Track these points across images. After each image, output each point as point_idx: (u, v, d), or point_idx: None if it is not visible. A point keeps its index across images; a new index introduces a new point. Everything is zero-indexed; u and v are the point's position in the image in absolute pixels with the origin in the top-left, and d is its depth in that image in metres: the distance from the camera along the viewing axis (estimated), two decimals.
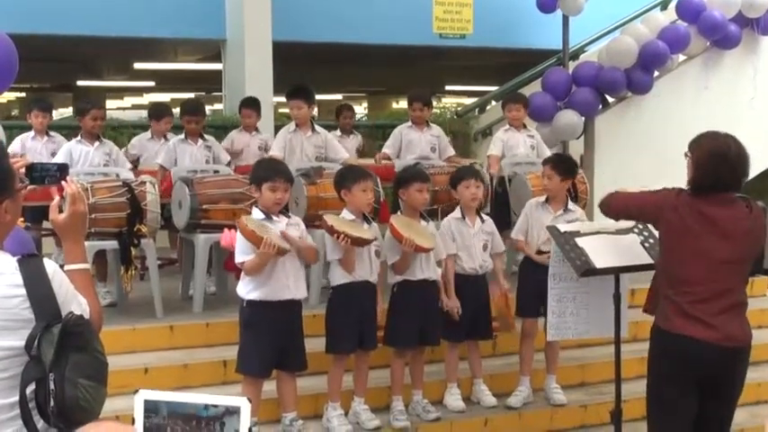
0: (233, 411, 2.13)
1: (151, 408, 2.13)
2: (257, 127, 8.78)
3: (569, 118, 9.60)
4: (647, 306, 4.78)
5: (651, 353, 4.46)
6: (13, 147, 8.07)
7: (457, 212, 6.14)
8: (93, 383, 2.39)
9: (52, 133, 8.47)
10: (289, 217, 5.49)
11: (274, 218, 5.36)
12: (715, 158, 4.21)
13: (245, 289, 5.31)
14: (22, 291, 2.38)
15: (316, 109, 8.50)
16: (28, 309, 2.38)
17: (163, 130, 8.50)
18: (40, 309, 2.38)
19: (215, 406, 2.11)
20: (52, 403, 2.34)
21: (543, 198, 6.32)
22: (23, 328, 2.37)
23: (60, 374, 2.35)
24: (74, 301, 2.50)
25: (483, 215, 6.20)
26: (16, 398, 2.37)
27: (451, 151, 8.41)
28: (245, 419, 2.07)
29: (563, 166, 6.32)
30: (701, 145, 4.30)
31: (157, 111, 8.87)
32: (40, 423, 2.40)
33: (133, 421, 2.06)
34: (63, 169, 2.91)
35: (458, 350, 6.18)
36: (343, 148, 7.86)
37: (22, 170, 2.97)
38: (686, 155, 4.36)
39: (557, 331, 5.39)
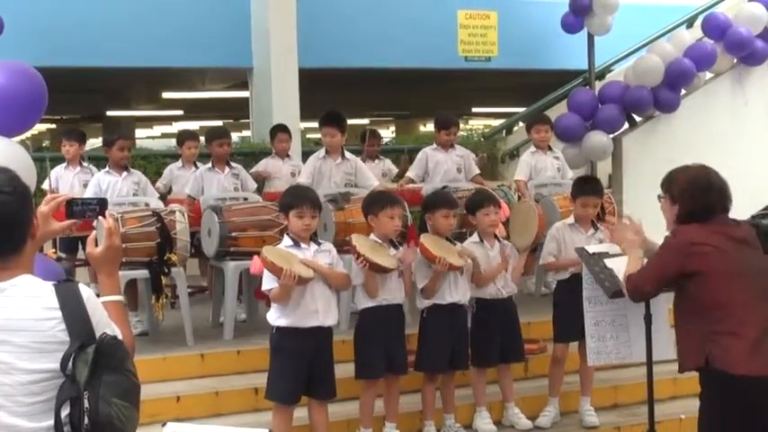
0: None
1: None
2: (289, 153, 8.85)
3: (598, 139, 9.56)
4: (686, 364, 4.18)
5: (719, 403, 4.04)
6: (51, 178, 8.10)
7: (475, 237, 6.10)
8: (127, 404, 2.42)
9: (86, 164, 8.53)
10: (319, 244, 5.45)
11: (303, 245, 5.32)
12: (700, 184, 4.13)
13: (274, 315, 5.31)
14: (58, 313, 2.42)
15: None
16: (63, 331, 2.41)
17: (188, 155, 8.58)
18: (75, 330, 2.41)
19: None
20: (86, 421, 2.36)
21: (571, 220, 6.26)
22: (58, 350, 2.40)
23: (95, 393, 2.38)
24: (107, 327, 2.53)
25: (501, 239, 6.17)
26: (50, 422, 2.40)
27: (476, 170, 8.33)
28: None
29: (574, 187, 6.31)
30: (678, 179, 4.22)
31: (180, 136, 8.99)
32: None
33: None
34: (102, 204, 3.00)
35: (485, 374, 6.13)
36: (372, 175, 7.86)
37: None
38: (660, 197, 4.27)
39: (597, 356, 5.23)
